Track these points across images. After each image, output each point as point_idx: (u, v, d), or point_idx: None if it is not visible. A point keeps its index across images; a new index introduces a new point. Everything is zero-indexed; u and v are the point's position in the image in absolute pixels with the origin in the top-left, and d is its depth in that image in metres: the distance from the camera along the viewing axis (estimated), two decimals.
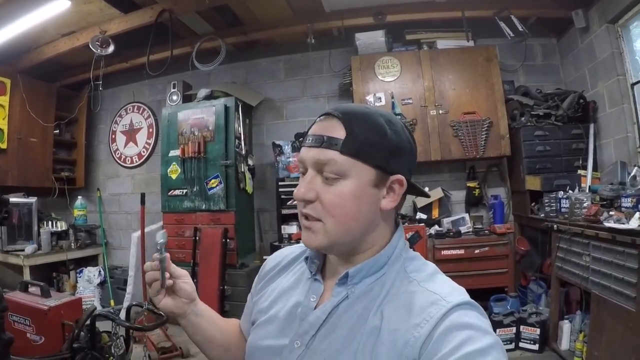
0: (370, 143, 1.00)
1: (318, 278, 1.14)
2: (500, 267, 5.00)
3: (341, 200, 1.00)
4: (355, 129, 1.00)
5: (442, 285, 0.99)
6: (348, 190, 1.00)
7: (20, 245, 6.02)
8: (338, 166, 0.99)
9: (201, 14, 5.63)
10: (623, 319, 3.25)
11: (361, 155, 1.00)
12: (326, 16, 5.74)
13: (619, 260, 3.32)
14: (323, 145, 1.01)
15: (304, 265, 1.22)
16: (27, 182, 6.47)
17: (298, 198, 1.05)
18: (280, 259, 1.34)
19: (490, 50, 5.54)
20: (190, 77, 6.50)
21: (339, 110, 1.04)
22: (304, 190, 1.03)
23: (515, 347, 4.55)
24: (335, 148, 0.99)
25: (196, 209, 5.81)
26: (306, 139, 1.07)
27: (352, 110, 1.05)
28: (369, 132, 1.01)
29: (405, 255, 1.09)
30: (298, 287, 1.18)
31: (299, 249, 1.31)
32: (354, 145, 0.99)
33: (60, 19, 5.17)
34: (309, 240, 1.06)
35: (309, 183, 1.03)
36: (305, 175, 1.06)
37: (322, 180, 1.02)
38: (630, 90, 4.66)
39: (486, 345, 0.82)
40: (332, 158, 0.99)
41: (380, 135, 1.02)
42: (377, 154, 1.01)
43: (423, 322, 0.89)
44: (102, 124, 7.48)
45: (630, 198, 3.58)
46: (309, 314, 1.07)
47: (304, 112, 6.46)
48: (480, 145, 5.31)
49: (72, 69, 6.87)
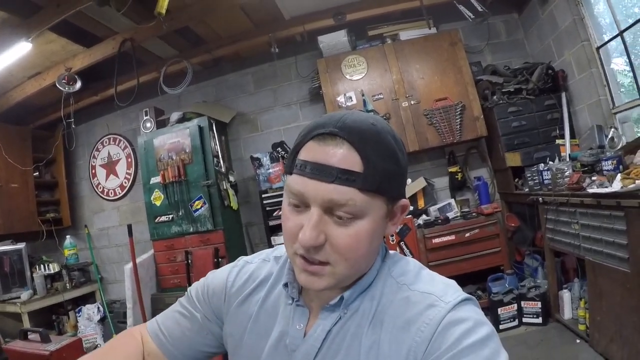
0: (388, 175, 0.89)
1: (301, 303, 1.04)
2: (493, 247, 5.00)
3: (357, 242, 0.89)
4: (372, 157, 0.86)
5: (432, 283, 0.97)
6: (365, 230, 0.89)
7: (15, 293, 5.94)
8: (357, 207, 0.86)
9: (163, 39, 5.61)
10: (619, 281, 3.27)
11: (381, 190, 0.89)
12: (287, 23, 5.74)
13: (607, 224, 3.34)
14: (336, 180, 0.85)
15: (277, 289, 1.11)
16: (14, 229, 6.40)
17: (307, 245, 0.87)
18: (246, 277, 1.19)
19: (453, 35, 5.56)
20: (160, 102, 6.46)
21: (346, 129, 0.87)
22: (311, 235, 0.86)
23: (519, 323, 4.55)
24: (354, 185, 0.85)
25: (184, 232, 5.76)
26: (304, 167, 0.88)
27: (361, 129, 0.88)
28: (386, 160, 0.88)
29: (388, 261, 1.04)
30: (276, 314, 1.08)
31: (264, 267, 1.19)
32: (374, 180, 0.86)
33: (24, 61, 5.13)
34: (313, 284, 0.93)
35: (317, 226, 0.87)
36: (307, 213, 0.89)
37: (332, 221, 0.88)
38: (596, 54, 4.69)
39: (483, 336, 0.83)
40: (351, 198, 0.85)
41: (395, 162, 0.91)
42: (394, 185, 0.92)
43: (423, 325, 0.87)
44: (81, 160, 7.42)
45: (610, 160, 3.61)
46: (299, 344, 0.99)
47: (278, 121, 6.45)
48: (456, 129, 5.32)
49: (43, 109, 6.82)
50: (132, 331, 1.29)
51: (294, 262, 0.95)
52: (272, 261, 1.19)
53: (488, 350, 0.81)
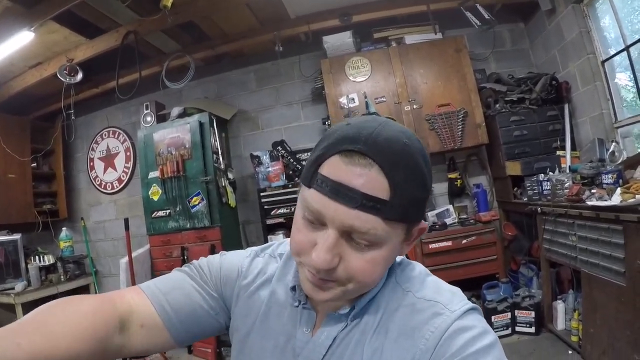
0: (415, 202, 0.84)
1: (308, 306, 1.01)
2: (489, 255, 5.01)
3: (373, 267, 0.85)
4: (401, 184, 0.80)
5: (438, 290, 0.95)
6: (381, 256, 0.85)
7: (9, 284, 5.90)
8: (378, 236, 0.81)
9: (167, 33, 5.58)
10: (614, 295, 3.26)
11: (405, 218, 0.84)
12: (292, 22, 5.73)
13: (605, 237, 3.34)
14: (360, 207, 0.79)
15: (282, 289, 1.07)
16: (10, 219, 6.38)
17: (320, 268, 0.83)
18: (257, 271, 1.13)
19: (458, 41, 5.55)
20: (162, 96, 6.44)
21: (377, 149, 0.80)
22: (325, 258, 0.82)
23: (512, 332, 4.57)
24: (379, 214, 0.79)
25: (181, 228, 5.73)
26: (326, 185, 0.81)
27: (394, 151, 0.80)
28: (414, 186, 0.82)
29: (395, 267, 1.02)
30: (283, 315, 1.04)
31: (272, 263, 1.14)
32: (400, 208, 0.81)
33: (26, 51, 5.10)
34: (318, 295, 0.89)
35: (332, 249, 0.82)
36: (323, 232, 0.84)
37: (349, 245, 0.84)
38: (601, 68, 4.70)
39: (487, 344, 0.82)
40: (374, 227, 0.80)
41: (423, 186, 0.85)
42: (418, 210, 0.87)
43: (428, 333, 0.86)
44: (79, 152, 7.40)
45: (610, 174, 3.60)
46: (304, 347, 0.97)
47: (279, 120, 6.44)
48: (457, 136, 5.32)
49: (43, 100, 6.78)
50: (110, 296, 1.01)
51: (301, 271, 0.92)
52: (277, 258, 1.16)
53: (491, 358, 0.80)
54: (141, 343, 1.00)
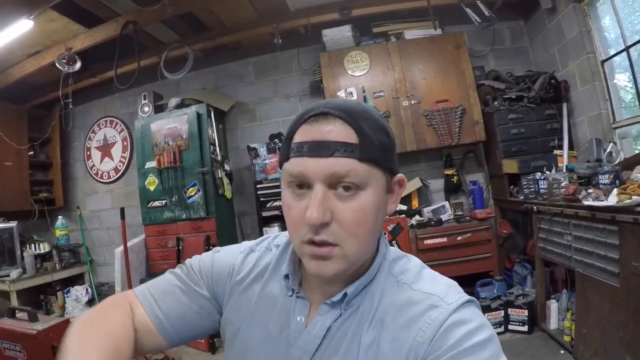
0: (382, 146, 0.91)
1: (301, 295, 1.03)
2: (483, 252, 5.02)
3: (364, 216, 0.89)
4: (365, 130, 0.88)
5: (434, 283, 0.96)
6: (368, 201, 0.89)
7: (4, 271, 5.91)
8: (359, 177, 0.86)
9: (166, 23, 5.56)
10: (608, 295, 3.26)
11: (378, 160, 0.90)
12: (292, 15, 5.71)
13: (600, 237, 3.33)
14: (336, 153, 0.85)
15: (275, 279, 1.08)
16: (6, 207, 6.38)
17: (315, 223, 0.85)
18: (251, 266, 1.14)
19: (458, 37, 5.55)
20: (160, 87, 6.43)
21: (335, 108, 0.89)
22: (318, 211, 0.85)
23: (505, 330, 4.58)
24: (353, 155, 0.86)
25: (177, 218, 5.75)
26: (301, 148, 0.89)
27: (351, 107, 0.91)
28: (378, 132, 0.90)
29: (388, 258, 1.03)
30: (275, 305, 1.05)
31: (266, 256, 1.15)
32: (371, 150, 0.88)
33: (24, 39, 5.09)
34: (324, 269, 0.90)
35: (323, 202, 0.86)
36: (310, 194, 0.88)
37: (336, 197, 0.88)
38: (600, 68, 4.68)
39: (484, 339, 0.83)
40: (353, 168, 0.86)
41: (386, 135, 0.93)
42: (389, 157, 0.94)
43: (425, 325, 0.87)
44: (76, 142, 7.39)
45: (607, 175, 3.59)
46: (298, 337, 0.97)
47: (277, 113, 6.44)
48: (455, 132, 5.31)
49: (41, 88, 6.77)
50: (120, 301, 1.11)
51: (302, 251, 0.92)
52: (273, 250, 1.17)
53: (488, 353, 0.81)
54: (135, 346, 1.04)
